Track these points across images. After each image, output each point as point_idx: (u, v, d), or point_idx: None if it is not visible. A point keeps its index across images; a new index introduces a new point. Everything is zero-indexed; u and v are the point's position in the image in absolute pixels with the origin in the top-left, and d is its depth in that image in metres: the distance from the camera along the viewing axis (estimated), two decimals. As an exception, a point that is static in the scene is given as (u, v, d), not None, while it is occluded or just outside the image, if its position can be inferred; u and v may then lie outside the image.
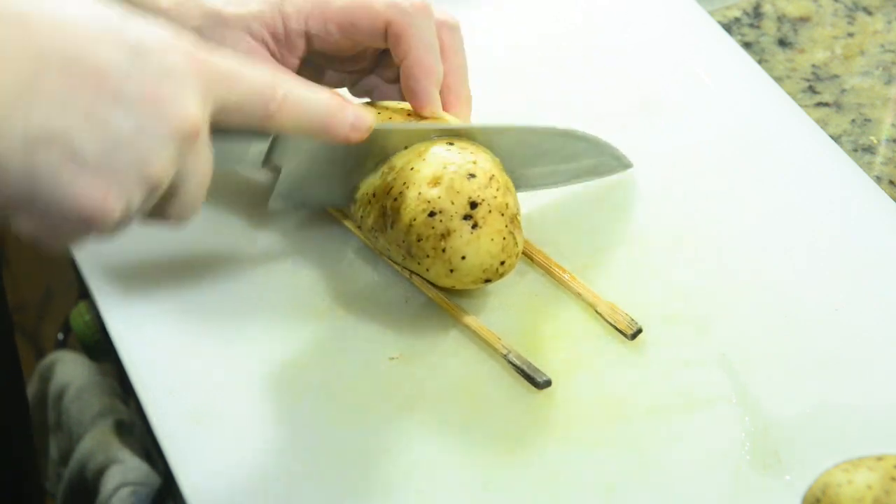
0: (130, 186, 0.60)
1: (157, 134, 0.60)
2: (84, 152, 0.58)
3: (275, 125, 0.66)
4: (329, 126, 0.68)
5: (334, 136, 0.69)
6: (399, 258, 0.74)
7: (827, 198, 0.81)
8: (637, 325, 0.74)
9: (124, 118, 0.59)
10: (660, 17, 0.93)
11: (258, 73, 0.65)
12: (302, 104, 0.67)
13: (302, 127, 0.68)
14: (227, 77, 0.64)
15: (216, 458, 0.70)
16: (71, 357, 1.19)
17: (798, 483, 0.67)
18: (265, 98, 0.65)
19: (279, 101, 0.65)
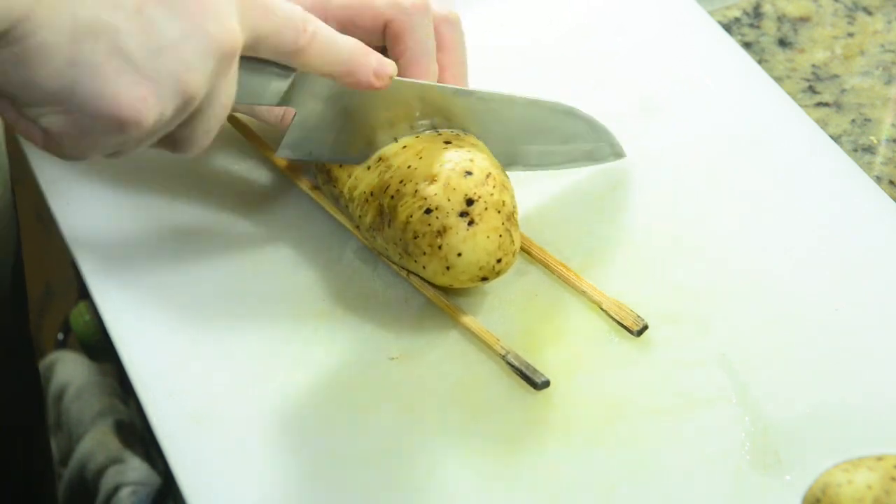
0: (167, 94, 0.60)
1: (201, 46, 0.60)
2: (129, 51, 0.58)
3: (303, 60, 0.67)
4: (353, 69, 0.69)
5: (357, 79, 0.69)
6: (396, 257, 0.74)
7: (827, 198, 0.81)
8: (643, 322, 0.74)
9: (172, 24, 0.59)
10: (659, 17, 0.93)
11: (291, 6, 0.66)
12: (330, 43, 0.68)
13: (328, 65, 0.68)
14: (263, 6, 0.64)
15: (216, 458, 0.70)
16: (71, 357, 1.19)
17: (798, 483, 0.67)
18: (297, 31, 0.66)
19: (309, 36, 0.66)
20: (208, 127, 0.64)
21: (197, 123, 0.64)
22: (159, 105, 0.60)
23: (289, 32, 0.66)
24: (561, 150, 0.80)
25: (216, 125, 0.65)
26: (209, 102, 0.63)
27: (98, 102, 0.59)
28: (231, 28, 0.61)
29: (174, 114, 0.61)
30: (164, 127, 0.62)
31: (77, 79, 0.58)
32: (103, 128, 0.60)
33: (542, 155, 0.80)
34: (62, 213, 0.82)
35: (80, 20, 0.57)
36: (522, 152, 0.79)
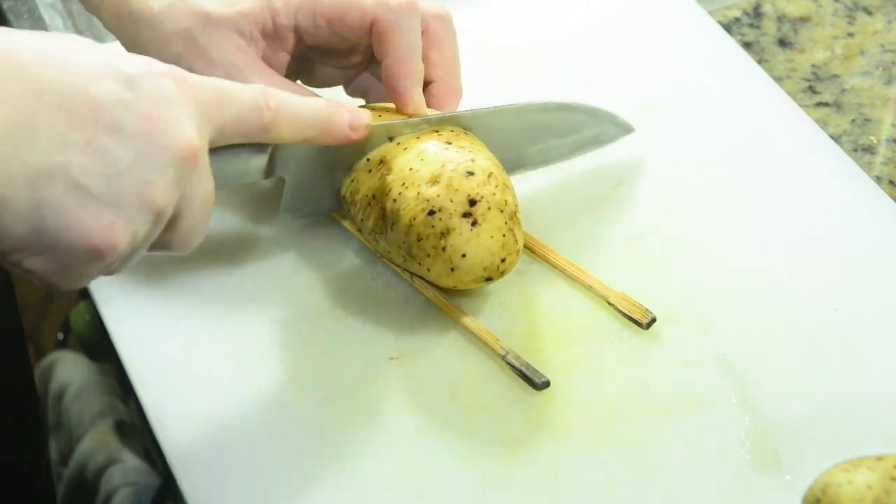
0: (135, 215, 0.61)
1: (157, 160, 0.61)
2: (87, 184, 0.59)
3: (273, 136, 0.68)
4: (327, 129, 0.70)
5: (334, 137, 0.70)
6: (400, 260, 0.74)
7: (827, 198, 0.81)
8: (651, 314, 0.74)
9: (124, 148, 0.60)
10: (660, 17, 0.93)
11: (248, 88, 0.66)
12: (297, 111, 0.68)
13: (300, 133, 0.69)
14: (220, 97, 0.65)
15: (216, 458, 0.70)
16: (71, 357, 1.19)
17: (798, 483, 0.67)
18: (259, 111, 0.66)
19: (273, 112, 0.67)
20: (196, 224, 0.65)
21: (182, 225, 0.64)
22: (129, 226, 0.60)
23: (251, 115, 0.66)
24: (565, 143, 0.81)
25: (202, 221, 0.65)
26: (186, 205, 0.63)
27: (68, 237, 0.59)
28: (184, 134, 0.61)
29: (149, 228, 0.62)
30: (146, 240, 0.62)
31: (42, 220, 0.59)
32: (82, 259, 0.60)
33: (546, 151, 0.81)
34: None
35: (32, 166, 0.58)
36: (525, 154, 0.80)
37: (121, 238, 0.60)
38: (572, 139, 0.81)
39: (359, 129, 0.71)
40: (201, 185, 0.64)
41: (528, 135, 0.79)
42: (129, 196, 0.60)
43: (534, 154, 0.80)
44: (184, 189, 0.63)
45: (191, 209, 0.64)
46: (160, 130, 0.61)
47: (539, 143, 0.80)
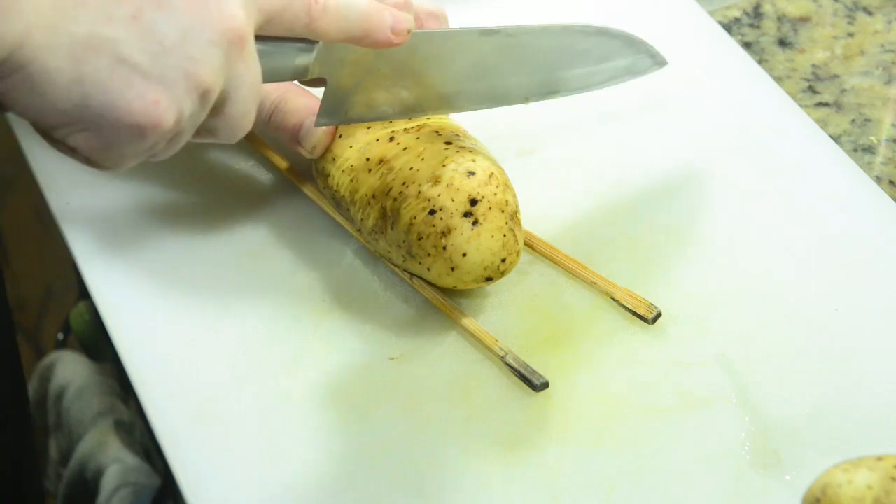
0: (181, 92, 0.60)
1: (204, 38, 0.60)
2: (132, 58, 0.59)
3: (318, 31, 0.67)
4: (370, 30, 0.69)
5: (375, 39, 0.70)
6: (400, 260, 0.74)
7: (827, 198, 0.81)
8: (657, 309, 0.74)
9: (170, 23, 0.59)
10: (660, 16, 0.93)
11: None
12: (342, 8, 0.68)
13: (344, 31, 0.68)
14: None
15: (216, 458, 0.70)
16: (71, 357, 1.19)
17: (798, 483, 0.67)
18: (307, 3, 0.66)
19: (321, 6, 0.66)
20: (243, 110, 0.64)
21: (229, 110, 0.64)
22: (175, 104, 0.60)
23: (300, 6, 0.66)
24: (600, 70, 0.80)
25: (251, 107, 0.65)
26: (234, 87, 0.63)
27: (113, 114, 0.59)
28: (233, 14, 0.61)
29: (195, 108, 0.61)
30: (192, 121, 0.62)
31: (87, 95, 0.58)
32: (126, 137, 0.60)
33: (582, 77, 0.80)
34: (62, 213, 0.82)
35: (77, 38, 0.57)
36: (562, 79, 0.79)
37: (166, 116, 0.60)
38: (608, 66, 0.80)
39: (400, 34, 0.70)
40: (248, 70, 0.63)
41: (566, 58, 0.79)
42: (174, 73, 0.60)
43: (570, 79, 0.80)
44: (230, 72, 0.62)
45: (238, 94, 0.63)
46: (208, 9, 0.60)
47: (576, 67, 0.79)
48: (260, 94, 0.65)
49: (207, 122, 0.64)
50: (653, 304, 0.74)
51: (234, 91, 0.63)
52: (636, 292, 0.75)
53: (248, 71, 0.63)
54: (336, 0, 0.67)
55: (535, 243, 0.78)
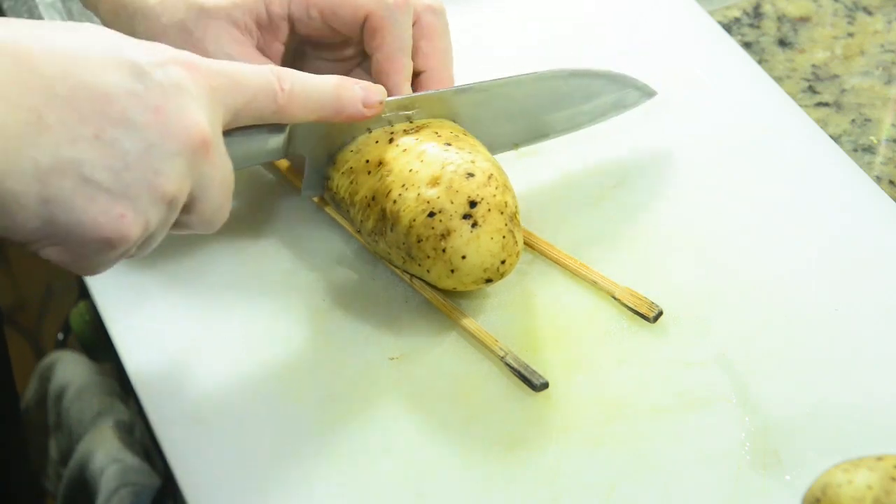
0: (145, 204, 0.61)
1: (166, 150, 0.61)
2: (95, 177, 0.59)
3: (287, 116, 0.68)
4: (340, 107, 0.70)
5: (348, 115, 0.71)
6: (399, 261, 0.74)
7: (827, 198, 0.81)
8: (658, 308, 0.74)
9: (132, 139, 0.60)
10: (660, 17, 0.93)
11: (261, 71, 0.67)
12: (308, 91, 0.68)
13: (314, 112, 0.69)
14: (231, 81, 0.65)
15: (216, 458, 0.70)
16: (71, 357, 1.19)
17: (798, 483, 0.67)
18: (273, 93, 0.67)
19: (287, 93, 0.67)
20: (215, 206, 0.65)
21: (201, 207, 0.65)
22: (140, 216, 0.61)
23: (265, 97, 0.67)
24: (587, 109, 0.81)
25: (223, 202, 0.66)
26: (203, 188, 0.64)
27: (80, 230, 0.60)
28: (194, 122, 0.62)
29: (162, 216, 0.62)
30: (162, 225, 0.63)
31: (53, 214, 0.59)
32: (95, 250, 0.61)
33: (570, 118, 0.81)
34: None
35: (42, 162, 0.58)
36: (548, 122, 0.80)
37: (131, 229, 0.60)
38: (594, 104, 0.81)
39: (373, 106, 0.71)
40: (217, 170, 0.64)
41: (549, 103, 0.80)
42: (138, 187, 0.60)
43: (558, 121, 0.81)
44: (197, 176, 0.63)
45: (208, 193, 0.64)
46: (169, 120, 0.61)
47: (561, 109, 0.80)
48: (232, 187, 0.66)
49: (181, 220, 0.65)
50: (654, 303, 0.74)
51: (204, 191, 0.64)
52: (636, 292, 0.75)
53: (216, 170, 0.64)
54: (302, 84, 0.68)
55: (535, 243, 0.78)
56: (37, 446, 1.19)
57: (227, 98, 0.65)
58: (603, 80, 0.81)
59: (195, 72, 0.63)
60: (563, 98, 0.80)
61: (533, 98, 0.79)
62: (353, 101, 0.71)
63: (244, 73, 0.66)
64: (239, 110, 0.66)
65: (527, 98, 0.78)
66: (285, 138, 0.72)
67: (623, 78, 0.81)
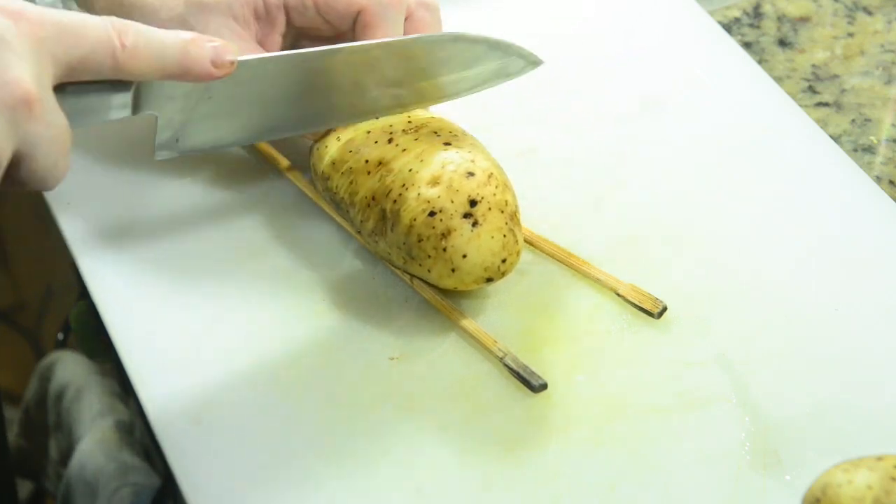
0: None
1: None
2: None
3: (127, 73, 0.64)
4: (187, 66, 0.66)
5: (196, 74, 0.66)
6: (400, 261, 0.74)
7: (827, 198, 0.81)
8: (662, 304, 0.74)
9: None
10: (660, 17, 0.93)
11: (99, 21, 0.63)
12: (154, 48, 0.65)
13: (158, 71, 0.65)
14: (63, 32, 0.62)
15: (216, 458, 0.70)
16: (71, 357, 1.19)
17: (798, 483, 0.67)
18: (112, 48, 0.63)
19: (129, 49, 0.63)
20: (49, 164, 0.62)
21: (31, 166, 0.62)
22: None
23: (103, 52, 0.63)
24: (469, 76, 0.78)
25: (57, 159, 0.62)
26: (30, 146, 0.61)
27: None
28: (14, 78, 0.59)
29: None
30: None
31: None
32: None
33: (452, 84, 0.78)
34: (62, 213, 0.82)
35: None
36: (428, 88, 0.77)
37: None
38: (474, 72, 0.78)
39: (222, 66, 0.67)
40: (48, 127, 0.61)
41: (426, 68, 0.77)
42: None
43: (436, 87, 0.78)
44: (22, 133, 0.60)
45: (39, 151, 0.61)
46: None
47: (442, 75, 0.77)
48: (68, 144, 0.63)
49: (13, 176, 0.62)
50: (658, 299, 0.74)
51: (32, 149, 0.61)
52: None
53: (46, 128, 0.61)
54: (147, 40, 0.64)
55: (536, 241, 0.78)
56: (37, 446, 1.19)
57: (58, 50, 0.61)
58: (483, 46, 0.77)
59: (21, 22, 0.60)
60: (442, 63, 0.77)
61: (408, 62, 0.76)
62: (202, 60, 0.66)
63: (80, 24, 0.62)
64: (73, 64, 0.62)
65: (403, 62, 0.76)
66: (132, 95, 0.68)
67: (506, 45, 0.78)
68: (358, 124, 0.76)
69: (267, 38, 0.78)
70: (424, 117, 0.76)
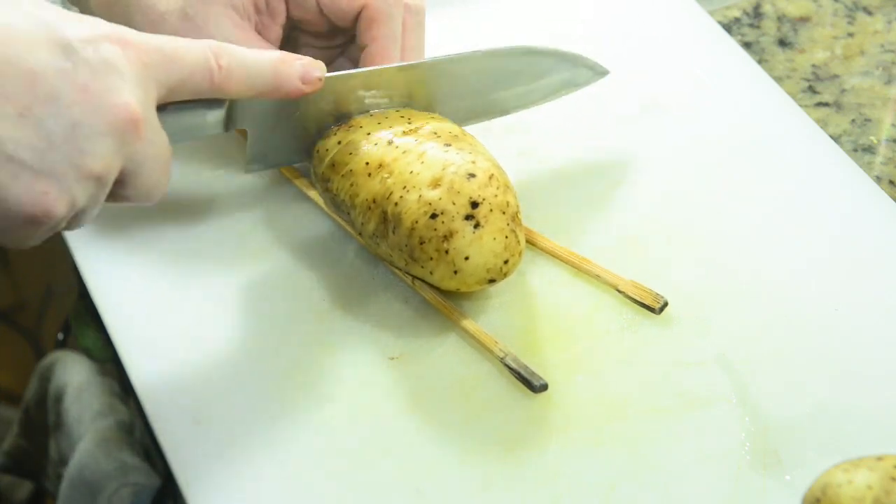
0: (71, 182, 0.61)
1: (94, 129, 0.61)
2: (20, 155, 0.59)
3: (223, 93, 0.67)
4: (278, 84, 0.69)
5: (286, 92, 0.70)
6: (402, 263, 0.74)
7: (827, 198, 0.81)
8: (663, 299, 0.74)
9: (58, 119, 0.60)
10: (660, 17, 0.93)
11: (198, 46, 0.66)
12: (249, 68, 0.68)
13: (252, 89, 0.69)
14: (166, 58, 0.64)
15: (216, 458, 0.70)
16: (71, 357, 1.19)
17: (798, 483, 0.67)
18: (209, 71, 0.66)
19: (225, 71, 0.67)
20: (152, 182, 0.65)
21: (136, 183, 0.65)
22: (65, 194, 0.61)
23: (201, 75, 0.66)
24: (538, 87, 0.81)
25: (160, 176, 0.66)
26: (136, 165, 0.64)
27: (3, 207, 0.60)
28: (123, 101, 0.61)
29: (91, 192, 0.62)
30: (92, 201, 0.63)
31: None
32: (19, 225, 0.61)
33: (521, 96, 0.81)
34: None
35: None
36: (497, 100, 0.80)
37: (56, 205, 0.60)
38: (545, 83, 0.81)
39: (311, 83, 0.71)
40: (151, 146, 0.64)
41: (497, 81, 0.79)
42: (63, 166, 0.60)
43: (507, 99, 0.80)
44: (129, 153, 0.63)
45: (144, 168, 0.64)
46: (96, 99, 0.61)
47: (510, 88, 0.80)
48: (169, 161, 0.66)
49: (118, 194, 0.65)
50: (659, 294, 0.74)
51: (138, 167, 0.64)
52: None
53: (151, 147, 0.64)
54: (240, 61, 0.67)
55: (537, 240, 0.78)
56: (37, 446, 1.19)
57: (161, 75, 0.64)
58: (553, 59, 0.80)
59: (128, 48, 0.62)
60: (511, 76, 0.79)
61: (481, 76, 0.78)
62: (291, 78, 0.70)
63: (180, 49, 0.65)
64: (174, 87, 0.65)
65: (474, 76, 0.78)
66: (225, 113, 0.71)
67: (574, 57, 0.81)
68: (359, 125, 0.76)
69: (267, 28, 0.78)
70: (425, 118, 0.76)
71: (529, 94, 0.81)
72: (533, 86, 0.81)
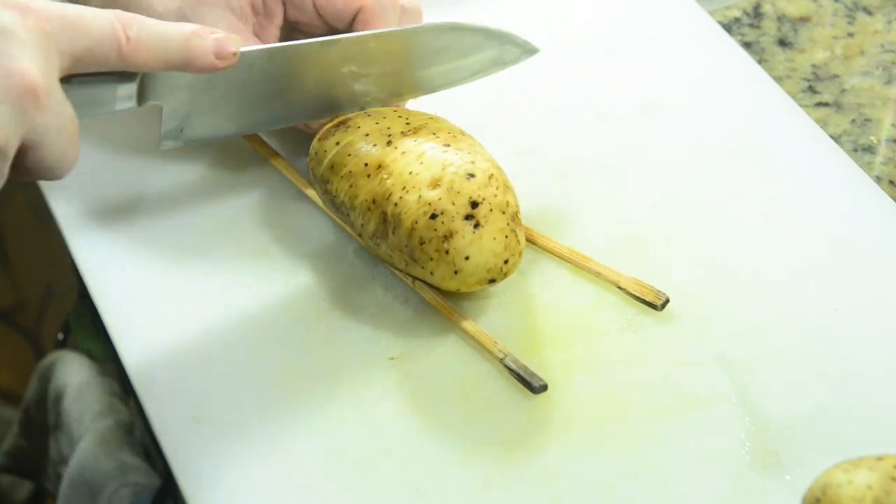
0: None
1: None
2: None
3: (132, 64, 0.65)
4: (189, 58, 0.67)
5: (199, 66, 0.68)
6: (402, 264, 0.74)
7: (827, 198, 0.81)
8: (664, 295, 0.74)
9: None
10: (660, 17, 0.93)
11: (104, 15, 0.64)
12: (158, 40, 0.66)
13: (162, 62, 0.66)
14: (70, 26, 0.63)
15: (216, 458, 0.70)
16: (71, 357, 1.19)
17: (798, 483, 0.67)
18: (116, 41, 0.64)
19: (133, 42, 0.65)
20: (57, 153, 0.63)
21: (39, 155, 0.62)
22: None
23: (108, 45, 0.64)
24: (465, 64, 0.79)
25: (66, 148, 0.63)
26: (38, 135, 0.62)
27: None
28: (21, 69, 0.60)
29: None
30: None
31: None
32: None
33: (448, 73, 0.79)
34: (62, 213, 0.82)
35: None
36: (424, 77, 0.78)
37: None
38: (472, 60, 0.79)
39: (225, 58, 0.68)
40: (56, 117, 0.62)
41: (423, 58, 0.78)
42: None
43: (432, 77, 0.79)
44: (29, 124, 0.61)
45: (47, 140, 0.62)
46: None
47: (436, 65, 0.78)
48: (75, 134, 0.64)
49: (20, 167, 0.63)
50: (660, 291, 0.74)
51: (40, 139, 0.62)
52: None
53: (54, 118, 0.62)
54: (150, 32, 0.65)
55: (536, 239, 0.78)
56: (37, 446, 1.19)
57: (64, 43, 0.62)
58: (481, 35, 0.78)
59: (27, 15, 0.61)
60: (438, 53, 0.78)
61: (405, 52, 0.77)
62: (205, 52, 0.67)
63: (86, 17, 0.63)
64: (79, 56, 0.63)
65: (399, 52, 0.77)
66: (137, 87, 0.69)
67: (502, 34, 0.79)
68: (357, 126, 0.76)
69: (264, 30, 0.78)
70: (423, 118, 0.76)
71: (456, 71, 0.79)
72: (460, 62, 0.79)
